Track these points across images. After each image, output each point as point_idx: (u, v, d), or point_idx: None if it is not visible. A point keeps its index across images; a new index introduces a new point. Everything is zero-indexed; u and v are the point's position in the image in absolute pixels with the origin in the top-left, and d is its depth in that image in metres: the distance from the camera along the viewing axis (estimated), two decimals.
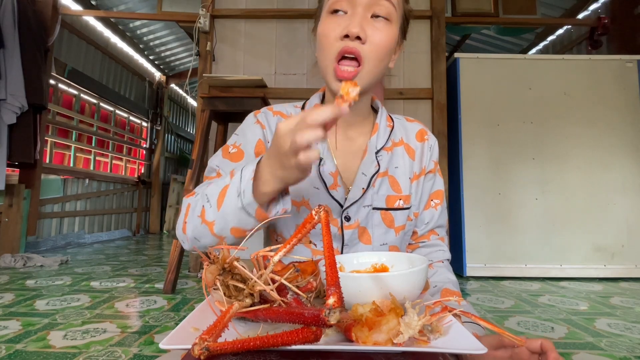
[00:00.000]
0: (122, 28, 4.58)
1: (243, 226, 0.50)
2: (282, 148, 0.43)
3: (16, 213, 2.85)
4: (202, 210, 0.53)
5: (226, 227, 0.51)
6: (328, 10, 0.60)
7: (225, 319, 0.36)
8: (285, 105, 0.73)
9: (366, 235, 0.65)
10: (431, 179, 0.71)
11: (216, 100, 2.05)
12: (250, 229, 0.50)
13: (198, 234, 0.54)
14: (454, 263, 2.52)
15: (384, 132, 0.68)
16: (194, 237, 0.54)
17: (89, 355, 1.10)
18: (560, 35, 4.26)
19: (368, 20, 0.58)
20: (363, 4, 0.57)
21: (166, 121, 5.66)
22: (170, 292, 1.87)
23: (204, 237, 0.53)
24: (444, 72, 2.57)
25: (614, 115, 2.53)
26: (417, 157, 0.70)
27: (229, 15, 2.61)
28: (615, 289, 2.12)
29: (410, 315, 0.36)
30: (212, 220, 0.51)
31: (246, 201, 0.48)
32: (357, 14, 0.57)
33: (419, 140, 0.71)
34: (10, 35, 2.64)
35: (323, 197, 0.64)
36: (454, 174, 2.55)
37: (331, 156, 0.65)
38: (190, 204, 0.56)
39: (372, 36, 0.57)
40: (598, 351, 1.21)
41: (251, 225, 0.50)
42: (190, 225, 0.54)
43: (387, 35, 0.58)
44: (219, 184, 0.52)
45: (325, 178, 0.64)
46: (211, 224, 0.51)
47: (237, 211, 0.49)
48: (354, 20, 0.56)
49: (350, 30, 0.55)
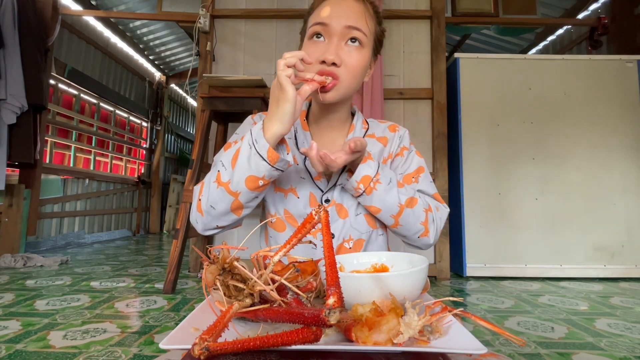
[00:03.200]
0: (122, 28, 4.58)
1: (256, 173, 0.59)
2: (273, 86, 0.59)
3: (16, 213, 2.85)
4: (217, 175, 0.63)
5: (241, 180, 0.60)
6: (309, 36, 0.70)
7: (225, 319, 0.36)
8: None
9: (343, 210, 0.74)
10: (400, 161, 0.80)
11: (216, 100, 2.05)
12: (262, 175, 0.60)
13: (213, 200, 0.63)
14: (454, 263, 2.52)
15: (360, 131, 0.80)
16: (210, 205, 0.64)
17: (89, 355, 1.10)
18: (560, 35, 4.26)
19: (342, 47, 0.68)
20: (338, 34, 0.67)
21: (166, 121, 5.66)
22: (170, 292, 1.87)
23: (219, 202, 0.63)
24: (444, 72, 2.57)
25: (614, 115, 2.53)
26: (388, 144, 0.80)
27: (229, 15, 2.61)
28: (615, 289, 2.12)
29: (410, 315, 0.36)
30: (227, 180, 0.61)
31: (259, 146, 0.58)
32: (333, 43, 0.67)
33: (391, 131, 0.82)
34: (10, 35, 2.64)
35: (308, 185, 0.75)
36: (454, 174, 2.55)
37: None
38: (203, 182, 0.66)
39: (345, 60, 0.67)
40: (598, 351, 1.21)
41: (264, 170, 0.59)
42: (204, 197, 0.64)
43: (359, 59, 0.69)
44: (231, 151, 0.63)
45: (310, 170, 0.75)
46: (227, 184, 0.61)
47: (252, 158, 0.59)
48: (330, 48, 0.67)
49: (327, 57, 0.65)
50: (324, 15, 0.68)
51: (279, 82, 0.57)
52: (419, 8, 2.64)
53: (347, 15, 0.68)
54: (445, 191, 2.48)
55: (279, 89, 0.57)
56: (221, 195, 0.62)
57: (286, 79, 0.56)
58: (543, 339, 1.31)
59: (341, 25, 0.67)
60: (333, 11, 0.68)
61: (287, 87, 0.56)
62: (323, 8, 0.69)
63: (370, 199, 0.68)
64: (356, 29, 0.68)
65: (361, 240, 0.74)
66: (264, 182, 0.61)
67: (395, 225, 0.71)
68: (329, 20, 0.67)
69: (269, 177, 0.61)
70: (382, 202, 0.68)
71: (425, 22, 2.64)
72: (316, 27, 0.69)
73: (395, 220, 0.70)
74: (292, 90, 0.56)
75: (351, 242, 0.74)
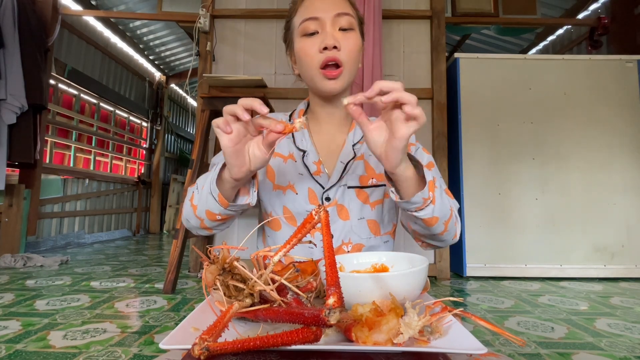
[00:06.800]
0: (122, 28, 4.58)
1: (212, 209, 0.61)
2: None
3: (16, 213, 2.85)
4: (192, 196, 0.65)
5: (202, 210, 0.62)
6: (300, 34, 0.71)
7: (225, 319, 0.36)
8: (278, 113, 0.86)
9: (344, 212, 0.73)
10: None
11: (216, 100, 2.05)
12: (217, 212, 0.61)
13: (187, 215, 0.66)
14: (454, 263, 2.52)
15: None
16: (186, 218, 0.67)
17: (89, 355, 1.10)
18: (560, 35, 4.26)
19: (338, 33, 0.69)
20: (330, 21, 0.69)
21: (166, 121, 5.66)
22: (170, 292, 1.87)
23: (191, 219, 0.66)
24: (444, 72, 2.57)
25: (614, 115, 2.53)
26: None
27: (229, 15, 2.61)
28: (615, 289, 2.12)
29: (410, 315, 0.36)
30: (196, 204, 0.63)
31: (212, 187, 0.59)
32: (328, 31, 0.68)
33: None
34: (10, 35, 2.64)
35: (307, 181, 0.74)
36: (454, 174, 2.55)
37: (314, 149, 0.76)
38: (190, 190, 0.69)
39: (344, 44, 0.69)
40: (598, 351, 1.21)
41: (218, 210, 0.60)
42: (184, 208, 0.68)
43: (355, 41, 0.71)
44: (206, 176, 0.64)
45: (309, 166, 0.75)
46: (195, 207, 0.64)
47: (209, 196, 0.60)
48: (327, 35, 0.68)
49: (327, 43, 0.67)
50: (312, 10, 0.70)
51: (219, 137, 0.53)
52: (419, 8, 2.64)
53: (335, 5, 0.70)
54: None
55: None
56: (191, 214, 0.65)
57: (218, 131, 0.52)
58: (543, 339, 1.31)
59: (331, 14, 0.69)
60: (319, 4, 0.70)
61: (219, 137, 0.53)
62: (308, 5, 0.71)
63: (433, 210, 0.57)
64: (345, 14, 0.70)
65: (361, 245, 0.74)
66: (221, 217, 0.62)
67: (443, 232, 0.62)
68: (318, 13, 0.69)
69: (225, 215, 0.62)
70: (441, 209, 0.58)
71: (425, 22, 2.64)
72: (307, 23, 0.70)
73: (445, 227, 0.61)
74: (224, 140, 0.52)
75: (350, 245, 0.73)
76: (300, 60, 0.73)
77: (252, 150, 0.54)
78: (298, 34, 0.72)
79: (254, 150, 0.54)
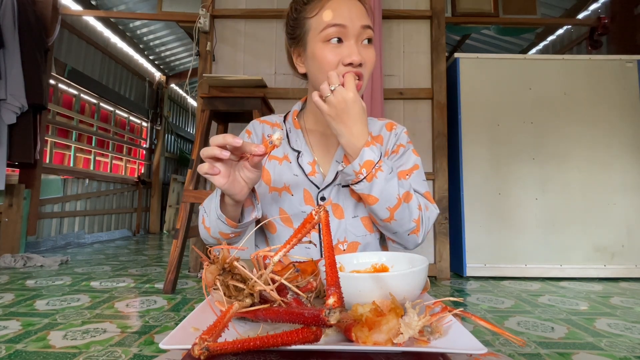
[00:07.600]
0: (122, 28, 4.58)
1: (223, 230, 0.65)
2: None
3: (16, 213, 2.85)
4: (203, 219, 0.69)
5: (216, 231, 0.66)
6: (323, 39, 0.69)
7: (225, 319, 0.36)
8: (273, 115, 0.86)
9: (339, 210, 0.74)
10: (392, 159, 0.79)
11: (216, 100, 2.05)
12: (229, 232, 0.65)
13: (204, 236, 0.71)
14: (454, 263, 2.52)
15: None
16: (204, 238, 0.71)
17: (89, 355, 1.10)
18: (560, 35, 4.26)
19: (360, 46, 0.69)
20: (356, 33, 0.68)
21: (166, 121, 5.66)
22: (170, 292, 1.87)
23: (208, 238, 0.70)
24: (444, 72, 2.57)
25: (614, 115, 2.53)
26: (384, 142, 0.80)
27: (229, 15, 2.61)
28: (615, 289, 2.12)
29: (410, 315, 0.36)
30: (208, 226, 0.67)
31: (219, 213, 0.63)
32: (353, 45, 0.68)
33: (388, 130, 0.81)
34: (10, 35, 2.64)
35: (302, 182, 0.74)
36: (454, 174, 2.55)
37: (309, 149, 0.77)
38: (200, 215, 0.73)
39: (366, 59, 0.69)
40: (598, 351, 1.21)
41: (229, 230, 0.64)
42: (200, 230, 0.72)
43: (374, 56, 0.72)
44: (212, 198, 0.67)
45: (304, 167, 0.75)
46: (209, 229, 0.68)
47: (217, 220, 0.64)
48: (353, 50, 0.67)
49: (354, 59, 0.67)
50: (339, 16, 0.67)
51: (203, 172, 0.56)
52: (419, 8, 2.64)
53: (360, 15, 0.69)
54: (445, 191, 2.48)
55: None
56: (207, 236, 0.69)
57: (207, 176, 0.55)
58: (543, 339, 1.31)
59: (357, 25, 0.68)
60: (348, 12, 0.68)
61: (211, 180, 0.56)
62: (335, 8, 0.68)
63: (370, 187, 0.64)
64: (369, 27, 0.69)
65: (356, 243, 0.74)
66: (235, 234, 0.66)
67: (389, 219, 0.67)
68: (346, 21, 0.67)
69: (238, 232, 0.66)
70: (382, 191, 0.64)
71: (425, 22, 2.64)
72: (332, 29, 0.67)
73: (391, 214, 0.66)
74: (217, 181, 0.55)
75: (345, 244, 0.73)
76: (316, 64, 0.70)
77: (244, 174, 0.57)
78: (319, 38, 0.69)
79: (245, 174, 0.57)
